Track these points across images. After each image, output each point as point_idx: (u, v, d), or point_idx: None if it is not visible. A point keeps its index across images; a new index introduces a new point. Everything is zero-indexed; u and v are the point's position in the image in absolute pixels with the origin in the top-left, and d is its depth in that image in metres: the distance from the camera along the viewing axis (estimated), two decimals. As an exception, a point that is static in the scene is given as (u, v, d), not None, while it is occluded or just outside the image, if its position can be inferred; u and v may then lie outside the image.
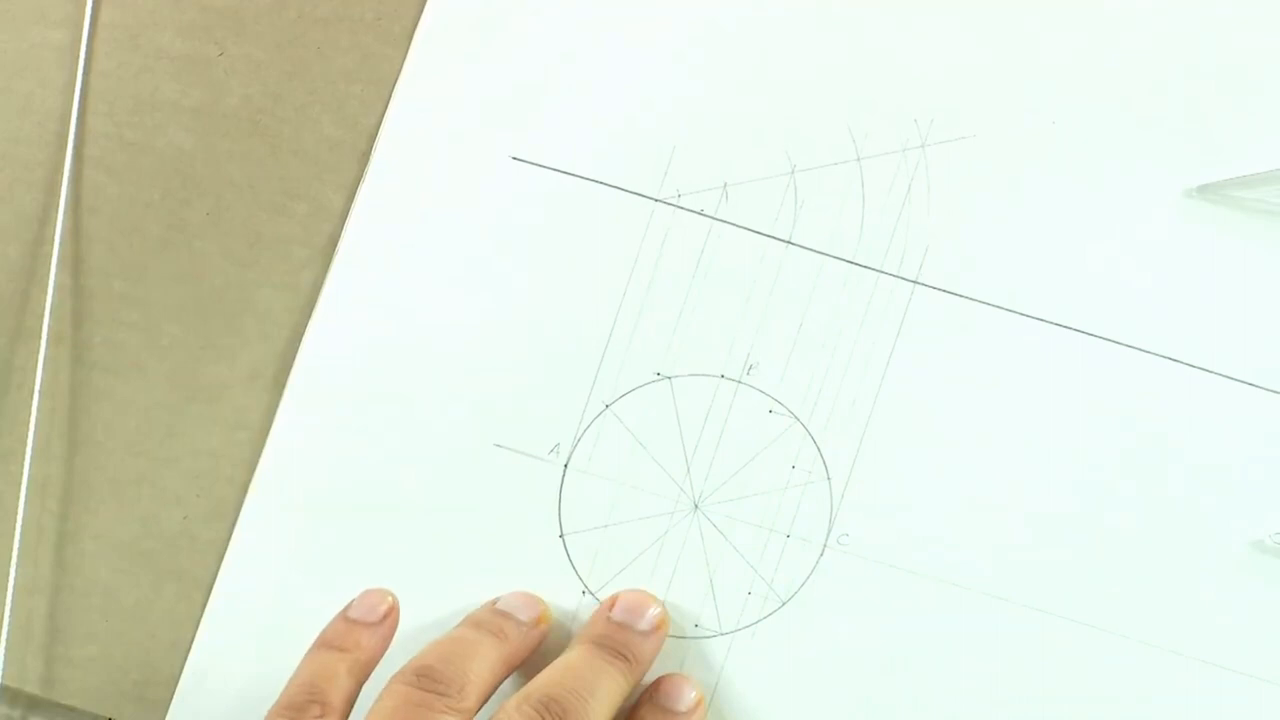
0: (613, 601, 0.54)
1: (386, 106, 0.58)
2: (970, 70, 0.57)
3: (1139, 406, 0.56)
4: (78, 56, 0.58)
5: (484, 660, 0.51)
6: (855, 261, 0.57)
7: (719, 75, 0.58)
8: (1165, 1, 0.57)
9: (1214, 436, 0.56)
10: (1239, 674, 0.55)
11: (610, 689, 0.51)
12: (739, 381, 0.56)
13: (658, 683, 0.54)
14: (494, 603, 0.55)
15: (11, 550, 0.56)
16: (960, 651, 0.55)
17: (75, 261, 0.58)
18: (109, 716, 0.57)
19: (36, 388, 0.57)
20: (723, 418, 0.56)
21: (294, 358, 0.57)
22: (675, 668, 0.56)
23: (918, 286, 0.56)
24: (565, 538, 0.56)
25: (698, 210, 0.57)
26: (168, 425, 0.57)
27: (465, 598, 0.56)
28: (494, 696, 0.51)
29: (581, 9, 0.58)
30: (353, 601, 0.54)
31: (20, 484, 0.57)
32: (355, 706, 0.50)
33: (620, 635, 0.53)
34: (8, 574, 0.57)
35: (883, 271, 0.57)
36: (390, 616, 0.54)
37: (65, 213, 0.58)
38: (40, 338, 0.57)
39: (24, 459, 0.57)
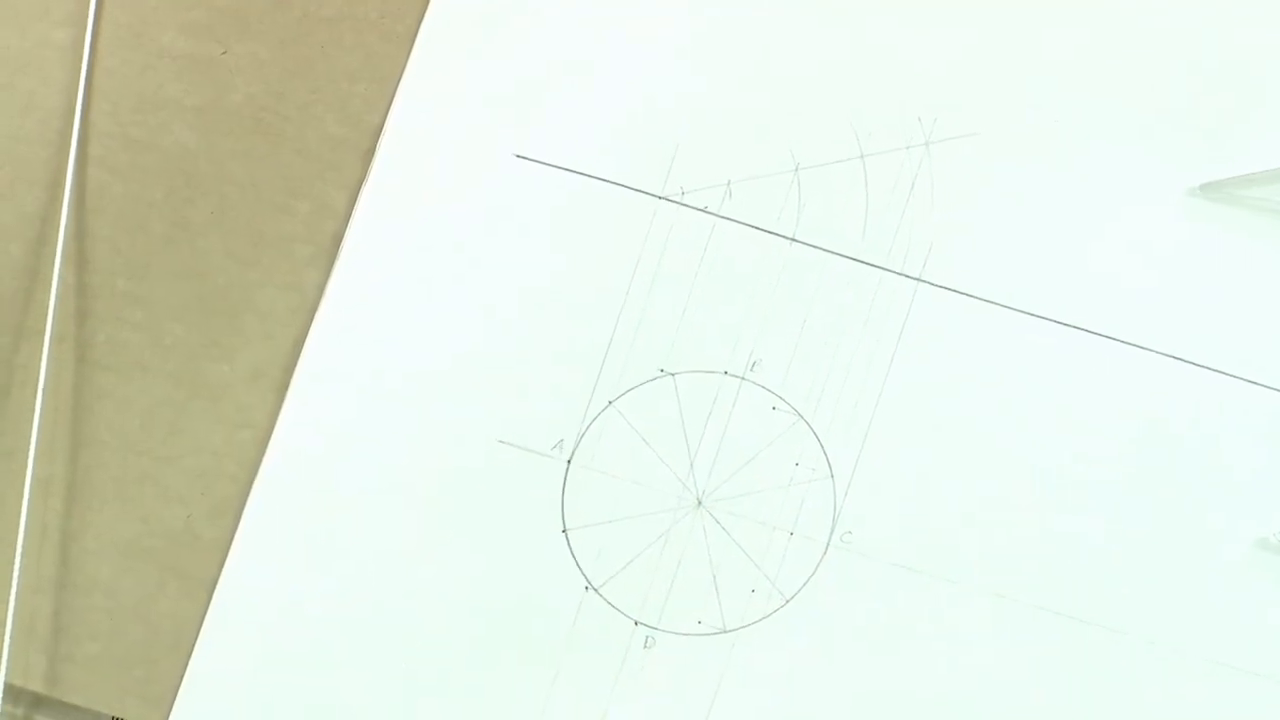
0: None
1: (390, 105, 0.58)
2: (973, 68, 0.57)
3: (1142, 404, 0.56)
4: (81, 55, 0.58)
5: None
6: (859, 259, 0.57)
7: (722, 73, 0.58)
8: (1168, 0, 0.58)
9: (1218, 434, 0.56)
10: (1241, 671, 0.55)
11: None
12: (742, 378, 0.56)
13: None
14: None
15: (15, 549, 0.56)
16: (964, 649, 0.55)
17: (79, 260, 0.58)
18: (113, 714, 0.57)
19: (40, 386, 0.57)
20: (726, 414, 0.56)
21: (297, 356, 0.57)
22: (678, 665, 0.56)
23: (921, 284, 0.56)
24: (568, 533, 0.56)
25: (701, 207, 0.57)
26: (171, 424, 0.57)
27: (469, 594, 0.56)
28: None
29: (584, 7, 0.58)
30: None
31: (24, 482, 0.57)
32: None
33: None
34: (11, 572, 0.56)
35: (886, 269, 0.57)
36: None
37: (69, 211, 0.58)
38: (44, 336, 0.57)
39: (27, 457, 0.57)
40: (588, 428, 0.56)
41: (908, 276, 0.56)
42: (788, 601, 0.56)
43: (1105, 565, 0.55)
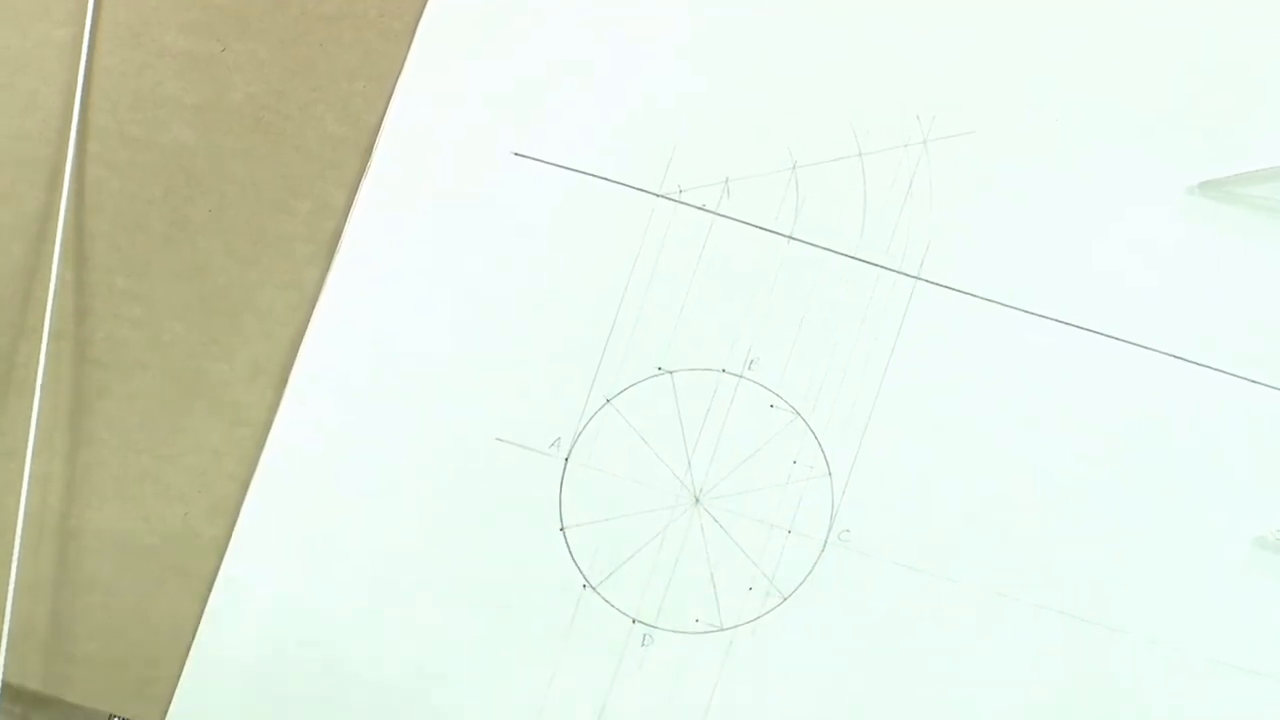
0: None
1: (389, 103, 0.58)
2: (972, 67, 0.57)
3: (1142, 403, 0.56)
4: (80, 53, 0.58)
5: None
6: (857, 257, 0.57)
7: (721, 71, 0.58)
8: (1168, 0, 0.58)
9: (1218, 434, 0.56)
10: (1241, 670, 0.55)
11: None
12: (740, 376, 0.56)
13: None
14: None
15: (13, 547, 0.56)
16: (962, 647, 0.55)
17: (78, 258, 0.58)
18: (111, 713, 0.57)
19: (38, 384, 0.57)
20: (724, 412, 0.56)
21: (296, 355, 0.57)
22: (676, 662, 0.56)
23: (919, 282, 0.56)
24: (566, 531, 0.56)
25: (699, 206, 0.57)
26: (170, 422, 0.57)
27: (466, 592, 0.56)
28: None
29: (583, 7, 0.58)
30: None
31: (22, 480, 0.57)
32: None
33: None
34: (9, 571, 0.56)
35: (884, 267, 0.57)
36: None
37: (68, 209, 0.58)
38: (42, 334, 0.57)
39: (25, 455, 0.57)
40: (585, 425, 0.56)
41: (906, 274, 0.56)
42: (785, 599, 0.56)
43: (1105, 564, 0.55)
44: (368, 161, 0.58)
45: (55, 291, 0.57)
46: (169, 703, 0.56)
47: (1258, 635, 0.55)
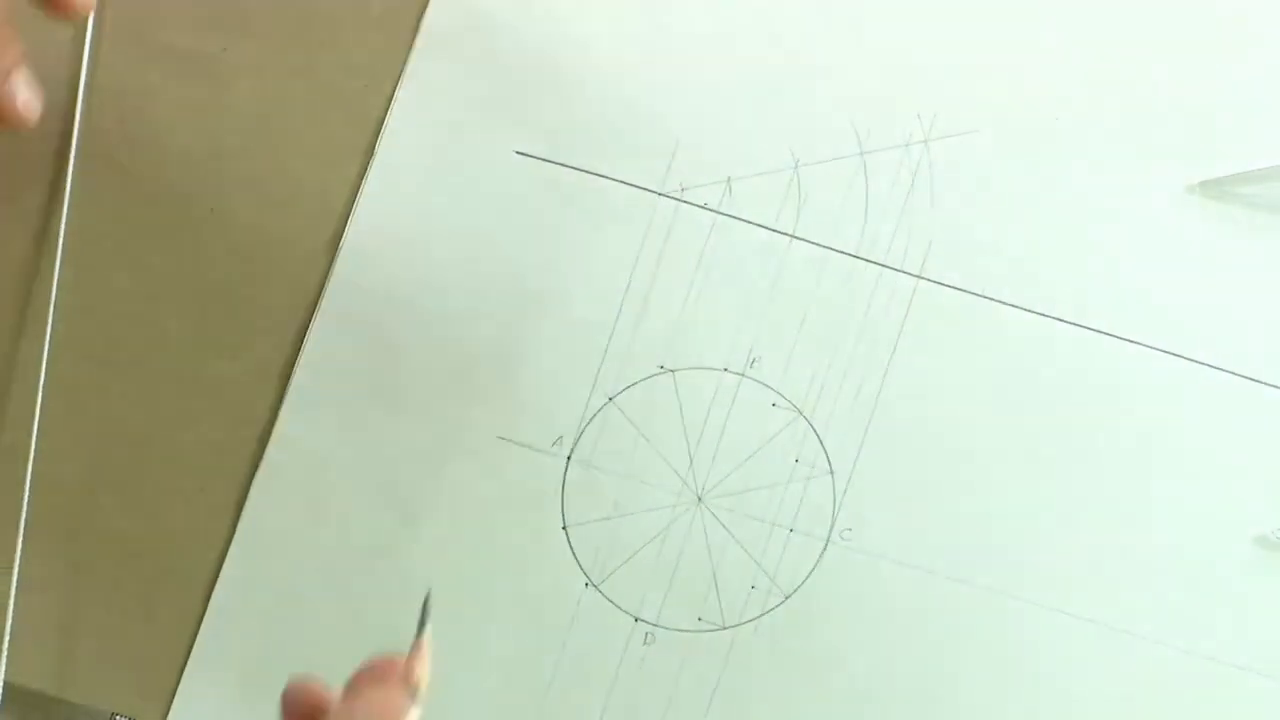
0: None
1: (390, 102, 0.58)
2: (973, 66, 0.57)
3: (1142, 402, 0.56)
4: (82, 52, 0.58)
5: None
6: (858, 256, 0.57)
7: (722, 70, 0.58)
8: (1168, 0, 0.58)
9: (1216, 431, 0.56)
10: (1241, 670, 0.55)
11: None
12: (742, 375, 0.56)
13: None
14: None
15: (16, 546, 0.56)
16: (963, 647, 0.55)
17: (79, 257, 0.58)
18: (112, 712, 0.57)
19: (40, 383, 0.57)
20: (725, 411, 0.56)
21: (298, 353, 0.57)
22: (678, 661, 0.56)
23: (921, 281, 0.56)
24: (568, 530, 0.56)
25: (701, 204, 0.57)
26: (171, 421, 0.57)
27: (468, 592, 0.56)
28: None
29: (584, 4, 0.58)
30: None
31: (25, 480, 0.57)
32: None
33: None
34: (12, 570, 0.56)
35: (886, 266, 0.57)
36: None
37: (69, 208, 0.58)
38: (44, 333, 0.57)
39: (28, 455, 0.57)
40: (587, 424, 0.56)
41: (907, 273, 0.56)
42: (787, 598, 0.56)
43: (1105, 563, 0.55)
44: (367, 161, 0.58)
45: (57, 291, 0.57)
46: (169, 703, 0.56)
47: (1258, 635, 0.55)
